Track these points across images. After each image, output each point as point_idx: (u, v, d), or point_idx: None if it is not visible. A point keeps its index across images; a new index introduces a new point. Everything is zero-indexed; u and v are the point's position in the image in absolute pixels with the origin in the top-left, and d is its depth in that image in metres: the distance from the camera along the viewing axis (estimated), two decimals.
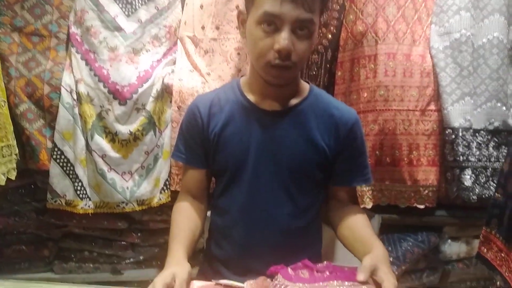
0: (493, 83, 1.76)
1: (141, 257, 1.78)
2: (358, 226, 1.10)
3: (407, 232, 1.89)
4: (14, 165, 1.41)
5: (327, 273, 0.84)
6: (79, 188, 1.62)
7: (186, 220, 1.12)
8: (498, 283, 1.26)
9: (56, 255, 1.76)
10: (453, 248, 1.92)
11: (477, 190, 1.73)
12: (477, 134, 1.75)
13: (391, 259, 1.85)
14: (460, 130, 1.71)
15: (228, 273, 1.13)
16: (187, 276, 0.90)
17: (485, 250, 1.29)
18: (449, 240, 1.92)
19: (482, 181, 1.74)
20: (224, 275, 1.13)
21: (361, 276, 0.81)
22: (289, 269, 0.90)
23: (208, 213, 1.24)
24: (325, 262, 0.90)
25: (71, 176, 1.61)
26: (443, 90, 1.75)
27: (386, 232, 1.91)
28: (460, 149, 1.71)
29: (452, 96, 1.75)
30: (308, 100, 1.13)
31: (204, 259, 1.27)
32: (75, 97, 1.60)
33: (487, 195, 1.73)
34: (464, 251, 1.93)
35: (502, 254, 1.19)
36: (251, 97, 1.12)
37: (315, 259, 1.01)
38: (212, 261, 1.20)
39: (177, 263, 0.94)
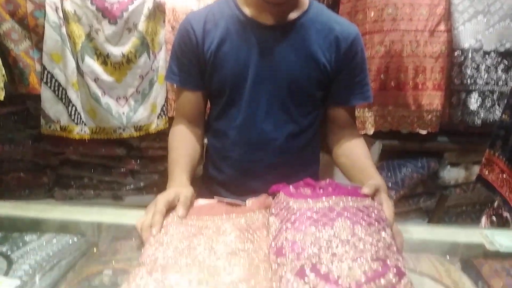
0: (509, 1, 1.66)
1: (142, 184, 1.81)
2: (357, 154, 1.09)
3: (407, 158, 1.92)
4: (2, 84, 1.36)
5: (330, 189, 0.85)
6: (73, 112, 1.59)
7: (184, 145, 1.11)
8: (496, 203, 1.29)
9: (56, 182, 1.79)
10: (452, 174, 1.96)
11: (482, 114, 1.71)
12: (487, 56, 1.69)
13: (389, 184, 1.89)
14: (470, 51, 1.65)
15: (227, 195, 1.15)
16: (191, 194, 0.90)
17: (487, 172, 1.30)
18: (449, 166, 1.95)
19: (488, 105, 1.72)
20: (223, 197, 1.15)
21: (365, 190, 0.81)
22: (291, 187, 0.90)
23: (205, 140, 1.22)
24: (327, 179, 0.90)
25: (64, 100, 1.58)
26: (455, 8, 1.66)
27: (386, 158, 1.93)
28: (468, 71, 1.67)
29: (464, 15, 1.65)
30: (308, 14, 1.06)
31: (202, 183, 1.28)
32: (61, 15, 1.50)
33: (491, 120, 1.72)
34: (462, 177, 1.98)
35: (504, 176, 1.20)
36: (247, 11, 1.05)
37: (314, 179, 1.01)
38: (211, 184, 1.21)
39: (180, 185, 0.94)
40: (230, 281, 0.63)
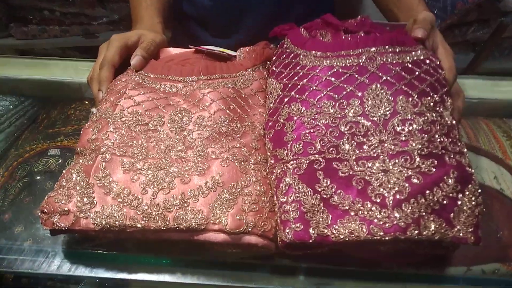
0: None
1: (116, 16, 1.53)
2: None
3: None
4: None
5: (362, 34, 0.59)
6: None
7: None
8: None
9: (11, 17, 1.51)
10: None
11: None
12: None
13: (435, 11, 1.56)
14: None
15: (206, 35, 0.90)
16: (160, 41, 0.66)
17: None
18: None
19: None
20: (201, 38, 0.90)
21: (418, 31, 0.55)
22: (302, 30, 0.64)
23: None
24: (358, 16, 0.63)
25: None
26: None
27: None
28: None
29: None
30: None
31: (176, 22, 1.00)
32: None
33: None
34: None
35: None
36: None
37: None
38: (185, 22, 0.93)
39: (149, 29, 0.70)
40: (204, 183, 0.45)
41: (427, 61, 0.52)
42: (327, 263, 0.50)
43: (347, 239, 0.40)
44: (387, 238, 0.39)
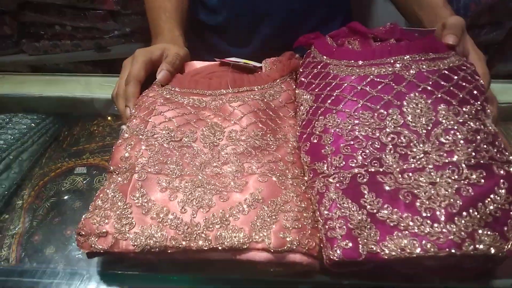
0: None
1: (127, 29, 1.53)
2: None
3: None
4: None
5: (393, 41, 0.58)
6: None
7: None
8: None
9: (21, 32, 1.52)
10: None
11: None
12: None
13: None
14: None
15: (223, 44, 0.89)
16: (183, 54, 0.66)
17: None
18: None
19: None
20: (218, 47, 0.89)
21: (450, 39, 0.55)
22: (328, 39, 0.63)
23: None
24: (387, 24, 0.62)
25: None
26: None
27: None
28: None
29: None
30: None
31: (190, 31, 1.00)
32: None
33: None
34: None
35: None
36: None
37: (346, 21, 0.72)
38: (201, 31, 0.93)
39: (171, 42, 0.69)
40: (243, 200, 0.44)
41: (463, 67, 0.51)
42: (367, 279, 0.48)
43: (398, 256, 0.38)
44: (441, 254, 0.37)
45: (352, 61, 0.54)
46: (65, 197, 0.60)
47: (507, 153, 0.44)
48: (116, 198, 0.44)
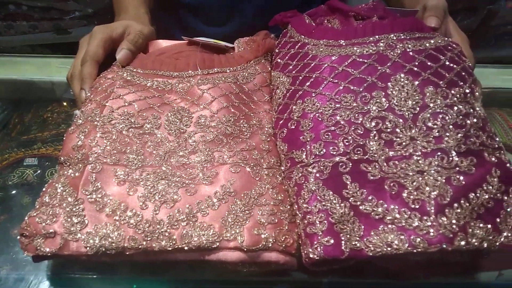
0: None
1: (90, 10, 1.44)
2: None
3: None
4: None
5: (375, 19, 0.54)
6: None
7: None
8: None
9: None
10: None
11: None
12: None
13: None
14: None
15: (198, 24, 0.85)
16: (148, 32, 0.60)
17: None
18: None
19: None
20: (192, 27, 0.84)
21: (432, 21, 0.52)
22: (306, 17, 0.59)
23: None
24: (370, 1, 0.58)
25: None
26: None
27: None
28: None
29: None
30: None
31: (163, 9, 0.94)
32: None
33: None
34: None
35: None
36: None
37: None
38: (174, 10, 0.87)
39: (135, 19, 0.63)
40: (213, 194, 0.40)
41: (449, 48, 0.48)
42: (348, 276, 0.45)
43: (384, 252, 0.35)
44: (431, 250, 0.34)
45: (332, 40, 0.50)
46: (13, 192, 0.54)
47: (497, 139, 0.41)
48: (65, 193, 0.39)
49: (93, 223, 0.37)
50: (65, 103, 0.69)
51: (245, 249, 0.37)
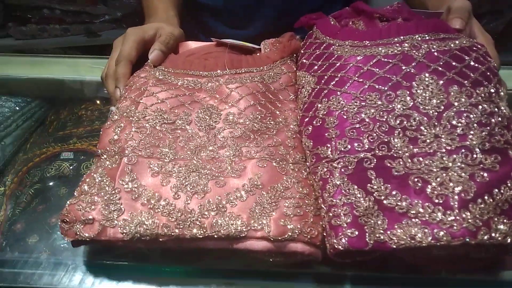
0: None
1: (118, 14, 1.49)
2: None
3: None
4: None
5: (400, 21, 0.55)
6: None
7: None
8: None
9: (8, 15, 1.47)
10: None
11: None
12: None
13: None
14: None
15: (221, 26, 0.87)
16: (178, 34, 0.63)
17: None
18: None
19: None
20: (216, 30, 0.86)
21: (457, 23, 0.53)
22: (331, 19, 0.60)
23: None
24: (394, 3, 0.59)
25: None
26: None
27: None
28: None
29: None
30: None
31: (186, 12, 0.97)
32: None
33: None
34: None
35: None
36: None
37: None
38: (198, 13, 0.90)
39: (165, 22, 0.66)
40: (241, 186, 0.42)
41: (474, 48, 0.48)
42: (371, 269, 0.46)
43: (408, 245, 0.36)
44: (455, 243, 0.35)
45: (357, 41, 0.51)
46: (50, 184, 0.57)
47: None
48: (103, 183, 0.42)
49: (129, 211, 0.40)
50: (98, 102, 0.73)
51: (272, 239, 0.39)
